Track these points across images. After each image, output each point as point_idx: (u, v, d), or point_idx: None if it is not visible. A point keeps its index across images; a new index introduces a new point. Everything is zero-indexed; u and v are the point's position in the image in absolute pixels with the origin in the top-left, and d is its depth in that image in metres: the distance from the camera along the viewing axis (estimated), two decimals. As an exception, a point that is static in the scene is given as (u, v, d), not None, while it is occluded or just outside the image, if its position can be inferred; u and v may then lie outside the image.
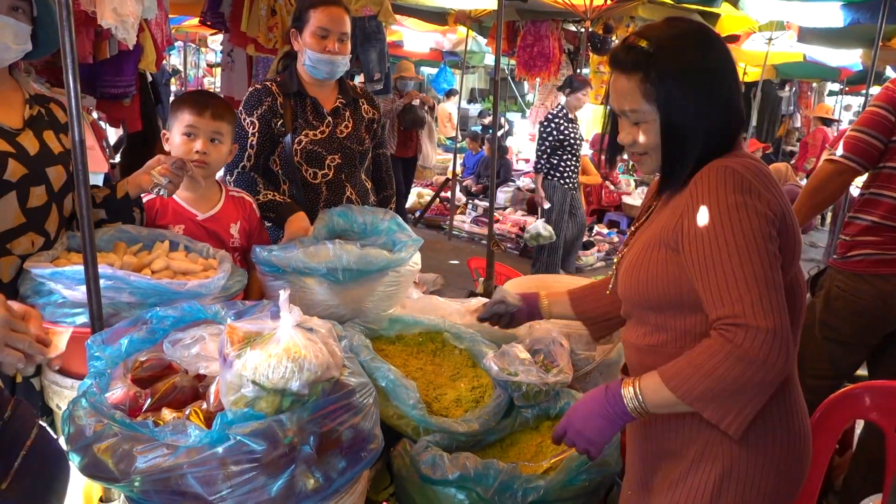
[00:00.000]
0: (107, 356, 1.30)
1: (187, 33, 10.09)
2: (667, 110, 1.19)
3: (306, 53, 2.20)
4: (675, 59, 1.18)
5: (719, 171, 1.14)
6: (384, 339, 1.92)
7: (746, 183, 1.12)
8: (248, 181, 2.19)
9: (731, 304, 1.08)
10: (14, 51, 1.55)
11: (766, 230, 1.10)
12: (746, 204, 1.11)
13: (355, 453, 1.19)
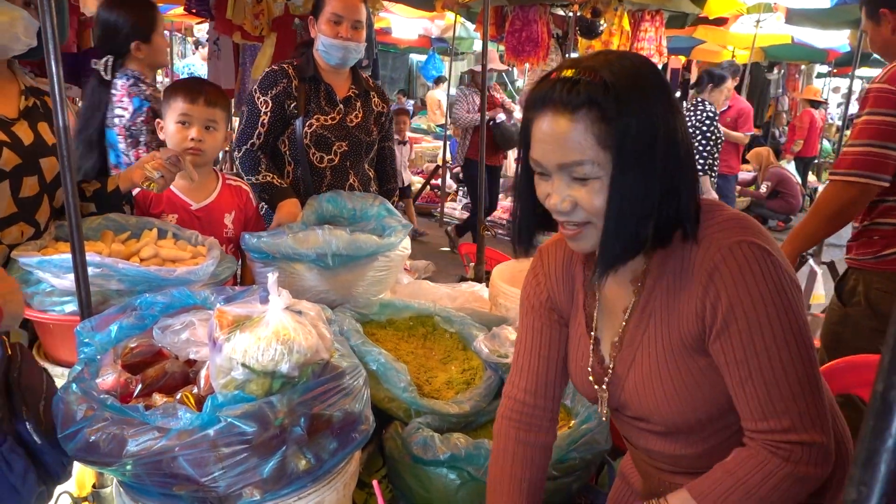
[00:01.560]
0: (96, 343, 1.30)
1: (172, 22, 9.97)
2: (622, 155, 0.90)
3: (320, 39, 2.25)
4: (633, 81, 0.91)
5: (749, 249, 0.92)
6: (375, 323, 1.93)
7: (776, 256, 0.92)
8: (252, 159, 2.22)
9: (779, 417, 0.91)
10: (22, 43, 1.57)
11: (804, 313, 0.92)
12: (789, 285, 0.91)
13: (346, 434, 1.20)
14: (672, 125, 0.92)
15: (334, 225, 2.07)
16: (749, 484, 0.92)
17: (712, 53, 10.07)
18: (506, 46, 7.20)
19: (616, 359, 1.09)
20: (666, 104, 0.92)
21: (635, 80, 0.91)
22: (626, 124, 0.89)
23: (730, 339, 0.92)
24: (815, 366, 0.92)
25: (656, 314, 1.02)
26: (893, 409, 0.36)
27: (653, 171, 0.91)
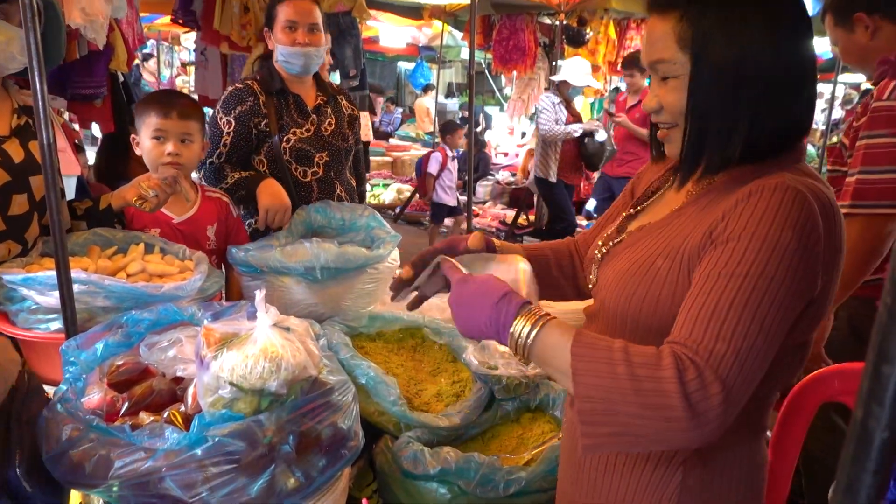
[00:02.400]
0: (82, 361, 1.29)
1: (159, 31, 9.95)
2: (702, 58, 0.90)
3: (278, 49, 2.20)
4: (729, 2, 0.90)
5: (787, 194, 0.86)
6: (364, 336, 1.92)
7: (812, 223, 0.85)
8: (215, 171, 2.19)
9: (706, 339, 0.83)
10: (18, 62, 1.56)
11: (802, 290, 0.86)
12: (800, 252, 0.84)
13: (336, 451, 1.19)
14: (761, 50, 0.89)
15: (322, 236, 2.07)
16: (631, 373, 0.82)
17: (698, 60, 10.15)
18: (493, 55, 7.25)
19: (620, 230, 1.09)
20: (761, 27, 0.89)
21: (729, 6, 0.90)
22: (707, 30, 0.90)
23: (713, 254, 0.88)
24: (776, 331, 0.84)
25: (676, 212, 1.00)
26: (874, 435, 0.36)
27: (734, 86, 0.90)
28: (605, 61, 6.98)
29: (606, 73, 7.27)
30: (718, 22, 0.90)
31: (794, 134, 0.95)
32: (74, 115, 3.62)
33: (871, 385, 0.37)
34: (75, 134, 3.55)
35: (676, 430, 0.80)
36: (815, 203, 0.86)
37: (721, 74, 0.90)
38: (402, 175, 8.93)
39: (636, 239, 1.04)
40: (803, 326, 0.92)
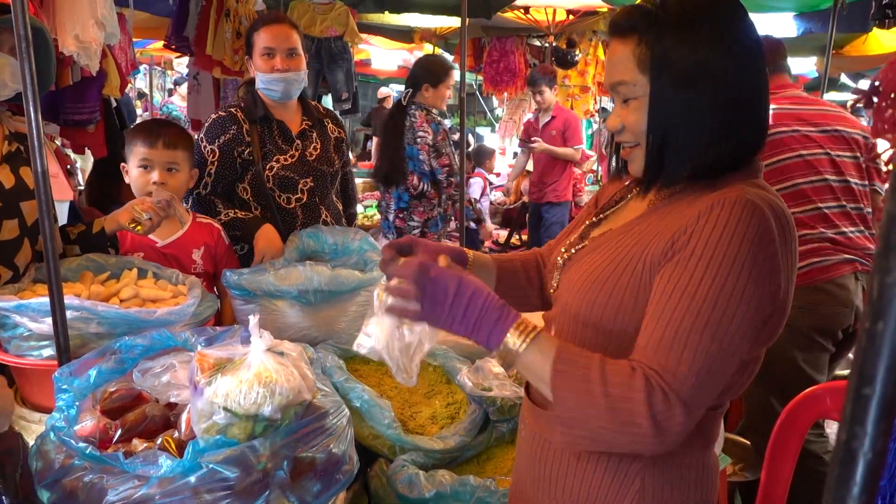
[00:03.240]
0: (75, 389, 1.28)
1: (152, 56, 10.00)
2: (659, 79, 0.94)
3: (258, 76, 2.20)
4: (682, 13, 0.94)
5: (745, 208, 0.88)
6: (358, 359, 1.92)
7: (769, 235, 0.88)
8: (206, 204, 2.18)
9: (670, 362, 0.87)
10: (9, 89, 1.58)
11: (763, 302, 0.88)
12: (758, 265, 0.87)
13: (330, 476, 1.19)
14: (716, 71, 0.92)
15: (316, 260, 2.07)
16: (606, 391, 0.87)
17: (686, 80, 10.28)
18: (484, 77, 7.33)
19: (582, 237, 1.11)
20: (715, 50, 0.92)
21: (688, 16, 0.94)
22: (664, 53, 0.93)
23: (675, 268, 0.90)
24: (732, 349, 0.87)
25: (637, 221, 1.02)
26: (858, 457, 0.37)
27: (691, 105, 0.93)
28: (595, 82, 7.06)
29: (596, 94, 7.34)
30: (675, 45, 0.93)
31: (752, 150, 0.98)
32: (67, 140, 3.62)
33: (854, 407, 0.38)
34: (67, 159, 3.56)
35: (642, 443, 0.88)
36: (770, 216, 0.89)
37: (678, 94, 0.94)
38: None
39: (598, 245, 1.06)
40: (762, 339, 0.94)
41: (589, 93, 7.12)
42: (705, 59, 0.92)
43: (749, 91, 0.95)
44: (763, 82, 0.97)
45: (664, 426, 0.85)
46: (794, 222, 0.94)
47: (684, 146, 0.95)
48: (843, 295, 2.21)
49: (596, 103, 7.69)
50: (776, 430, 1.53)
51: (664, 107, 0.95)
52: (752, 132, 0.97)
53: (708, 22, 0.93)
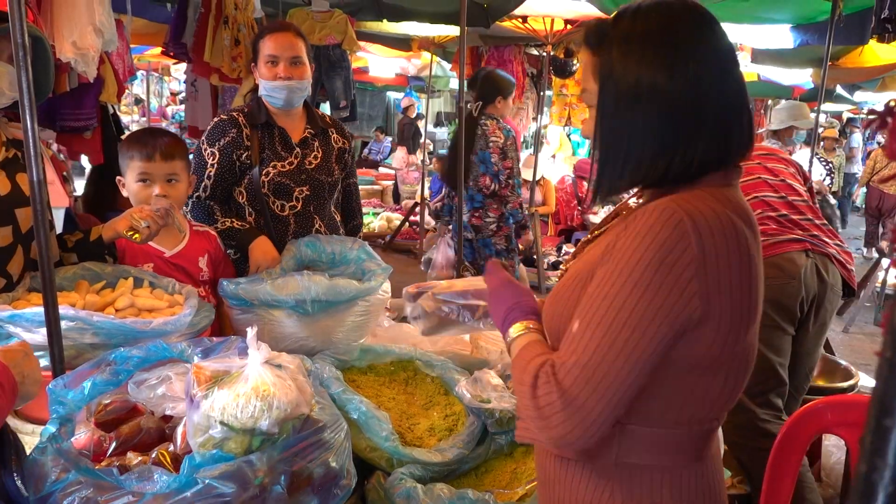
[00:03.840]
0: (69, 401, 1.27)
1: (150, 62, 10.01)
2: (605, 88, 0.97)
3: (261, 84, 2.20)
4: (633, 22, 0.96)
5: (661, 216, 0.90)
6: (356, 369, 1.91)
7: (681, 245, 0.88)
8: (204, 209, 2.17)
9: (563, 353, 0.93)
10: (7, 97, 1.57)
11: (666, 310, 0.89)
12: (660, 273, 0.88)
13: (327, 490, 1.18)
14: (656, 82, 0.93)
15: (313, 270, 2.06)
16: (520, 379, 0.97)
17: (682, 90, 10.33)
18: (482, 85, 7.32)
19: (575, 257, 1.15)
20: (656, 63, 0.93)
21: (638, 34, 0.96)
22: (610, 63, 0.96)
23: (599, 274, 0.94)
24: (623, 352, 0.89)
25: (605, 238, 1.01)
26: (877, 490, 0.36)
27: (632, 113, 0.95)
28: (592, 92, 7.08)
29: (593, 103, 7.37)
30: (620, 56, 0.96)
31: (709, 160, 0.96)
32: (64, 146, 3.61)
33: (874, 439, 0.37)
34: (63, 166, 3.55)
35: (535, 429, 0.94)
36: (690, 225, 0.89)
37: (619, 108, 0.97)
38: (390, 203, 8.95)
39: (573, 264, 1.10)
40: (699, 348, 0.92)
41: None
42: (645, 72, 0.93)
43: (704, 109, 0.94)
44: (728, 99, 0.96)
45: (544, 412, 0.91)
46: (746, 233, 0.93)
47: (623, 157, 0.97)
48: (791, 268, 2.33)
49: (593, 112, 7.69)
50: (776, 444, 1.52)
51: (607, 118, 0.98)
52: (710, 146, 0.95)
53: (657, 42, 0.95)
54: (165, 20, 4.62)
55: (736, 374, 0.98)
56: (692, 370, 0.95)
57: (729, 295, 0.91)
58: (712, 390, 0.97)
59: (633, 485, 1.00)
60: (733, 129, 0.97)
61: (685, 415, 0.97)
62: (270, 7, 4.65)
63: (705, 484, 1.03)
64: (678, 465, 1.00)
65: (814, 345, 2.50)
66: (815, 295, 2.39)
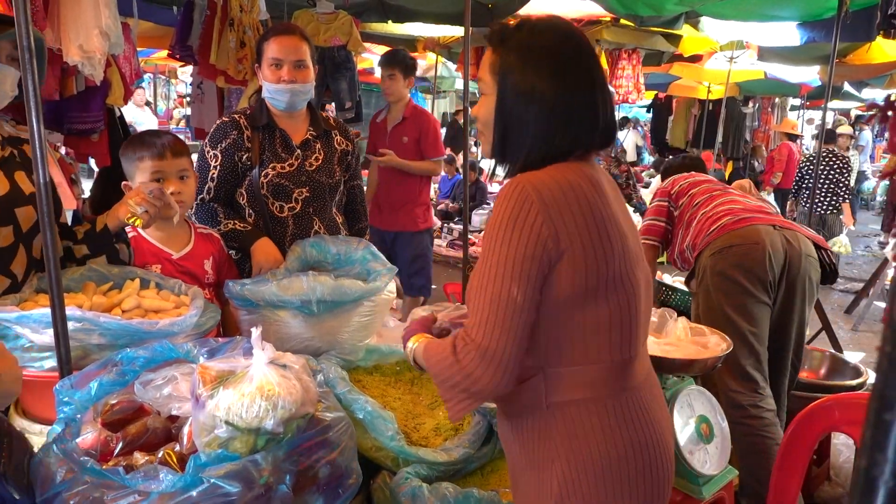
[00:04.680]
0: (76, 401, 1.27)
1: (157, 65, 10.06)
2: (504, 86, 1.20)
3: (264, 86, 2.20)
4: (531, 35, 1.19)
5: (509, 187, 1.14)
6: (361, 369, 1.91)
7: (525, 204, 1.11)
8: (208, 211, 2.18)
9: (470, 318, 1.14)
10: (8, 97, 1.59)
11: (528, 254, 1.09)
12: (515, 225, 1.10)
13: (333, 490, 1.18)
14: (549, 90, 1.16)
15: (318, 270, 2.06)
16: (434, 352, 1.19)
17: (689, 89, 10.30)
18: (487, 85, 7.30)
19: None
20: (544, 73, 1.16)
21: (533, 46, 1.18)
22: (509, 67, 1.19)
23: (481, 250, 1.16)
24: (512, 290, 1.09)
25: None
26: (878, 485, 0.36)
27: (526, 108, 1.17)
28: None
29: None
30: (518, 61, 1.18)
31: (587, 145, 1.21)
32: (71, 149, 3.63)
33: (874, 433, 0.37)
34: (71, 168, 3.56)
35: (466, 383, 1.12)
36: (531, 189, 1.11)
37: (515, 104, 1.19)
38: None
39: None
40: (567, 281, 1.11)
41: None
42: (536, 83, 1.17)
43: (575, 107, 1.18)
44: (590, 104, 1.19)
45: (468, 368, 1.11)
46: (583, 188, 1.15)
47: (518, 142, 1.20)
48: (754, 234, 2.41)
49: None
50: (784, 442, 1.51)
51: (504, 110, 1.20)
52: (582, 133, 1.19)
53: (545, 55, 1.18)
54: (171, 23, 4.63)
55: (620, 305, 1.16)
56: (574, 303, 1.13)
57: (577, 234, 1.12)
58: (602, 321, 1.15)
59: (565, 420, 1.16)
60: (592, 125, 1.20)
61: (592, 349, 1.15)
62: (275, 9, 4.67)
63: (633, 412, 1.19)
64: (602, 396, 1.17)
65: (800, 313, 2.50)
66: (787, 259, 2.43)
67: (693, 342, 1.90)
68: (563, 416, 1.17)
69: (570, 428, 1.16)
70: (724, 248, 2.45)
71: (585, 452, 1.15)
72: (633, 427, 1.18)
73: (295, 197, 2.22)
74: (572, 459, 1.15)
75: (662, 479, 1.21)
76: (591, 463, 1.15)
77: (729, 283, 2.41)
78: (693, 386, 1.93)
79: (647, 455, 1.19)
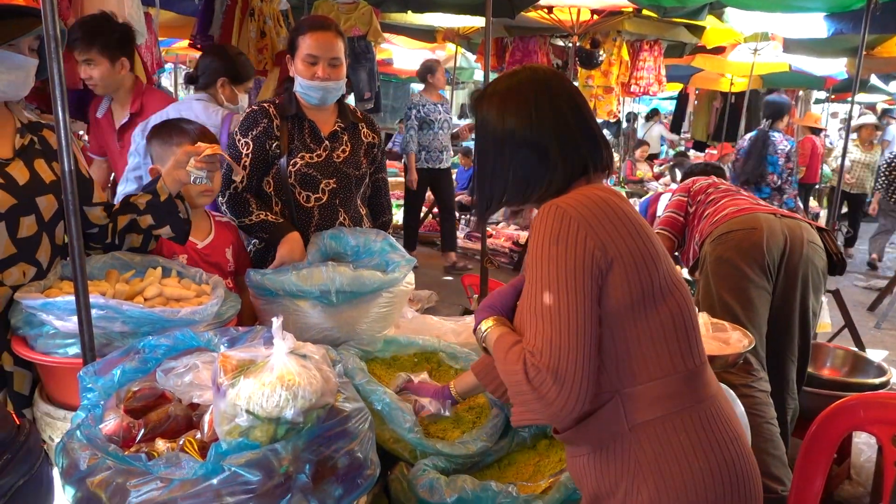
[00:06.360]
0: (99, 387, 1.29)
1: (177, 55, 10.12)
2: (481, 132, 1.31)
3: (297, 80, 2.19)
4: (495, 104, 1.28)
5: (544, 210, 1.17)
6: (379, 360, 1.91)
7: (567, 225, 1.13)
8: (240, 202, 2.18)
9: (533, 338, 1.12)
10: (29, 86, 1.60)
11: (578, 265, 1.11)
12: (559, 242, 1.13)
13: (351, 480, 1.18)
14: (520, 133, 1.24)
15: (338, 261, 2.07)
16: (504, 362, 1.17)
17: (711, 81, 10.17)
18: (506, 77, 7.28)
19: None
20: (516, 119, 1.25)
21: (502, 97, 1.28)
22: (485, 114, 1.29)
23: (528, 275, 1.18)
24: (574, 307, 1.10)
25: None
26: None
27: (501, 150, 1.26)
28: (619, 83, 7.00)
29: (620, 95, 7.27)
30: (495, 110, 1.28)
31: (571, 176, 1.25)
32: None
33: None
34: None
35: (539, 407, 1.11)
36: (565, 207, 1.15)
37: (494, 143, 1.28)
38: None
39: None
40: (622, 289, 1.12)
41: (612, 93, 7.05)
42: (511, 124, 1.25)
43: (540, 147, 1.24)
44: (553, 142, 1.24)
45: (541, 392, 1.10)
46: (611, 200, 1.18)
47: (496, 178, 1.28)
48: (753, 221, 2.45)
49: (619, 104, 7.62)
50: (806, 440, 1.49)
51: (480, 156, 1.31)
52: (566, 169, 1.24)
53: (513, 99, 1.26)
54: (193, 13, 4.66)
55: (673, 311, 1.16)
56: (631, 312, 1.13)
57: (622, 242, 1.13)
58: (662, 329, 1.14)
59: (650, 439, 1.13)
60: (583, 153, 1.25)
61: (662, 361, 1.14)
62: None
63: (716, 425, 1.16)
64: (680, 408, 1.14)
65: (802, 299, 2.49)
66: (787, 244, 2.43)
67: (714, 338, 1.88)
68: (647, 436, 1.14)
69: (657, 447, 1.13)
70: (724, 234, 2.49)
71: (676, 471, 1.12)
72: (719, 442, 1.15)
73: (322, 188, 2.22)
74: (660, 480, 1.13)
75: (753, 497, 1.18)
76: (681, 482, 1.12)
77: (726, 267, 2.43)
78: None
79: (736, 471, 1.16)
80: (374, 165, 2.42)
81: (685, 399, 1.15)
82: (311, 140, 2.23)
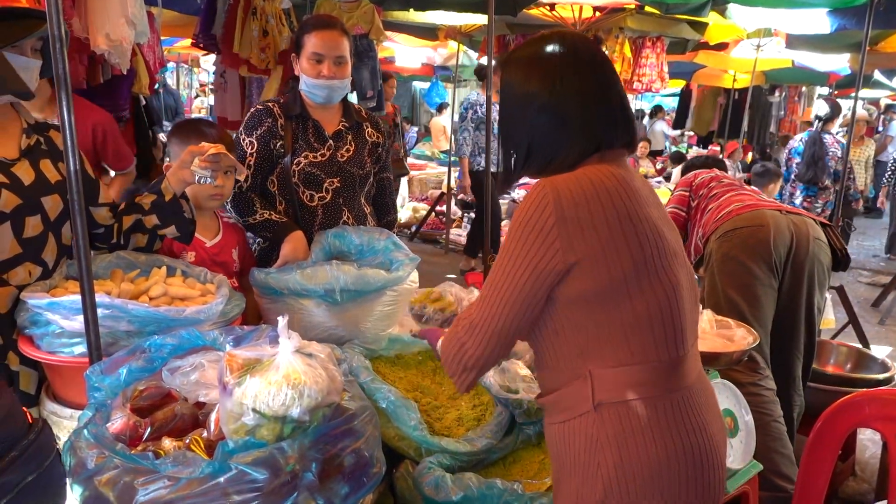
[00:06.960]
0: (106, 386, 1.30)
1: (179, 54, 10.13)
2: (504, 97, 1.29)
3: (302, 79, 2.20)
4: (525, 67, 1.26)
5: (534, 189, 1.16)
6: (384, 359, 1.92)
7: (541, 207, 1.13)
8: (245, 201, 2.19)
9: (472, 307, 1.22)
10: (33, 87, 1.61)
11: (535, 262, 1.13)
12: (531, 228, 1.13)
13: (357, 478, 1.19)
14: (541, 99, 1.21)
15: (342, 260, 2.07)
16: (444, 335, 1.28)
17: (714, 77, 10.15)
18: (509, 74, 7.25)
19: None
20: (545, 84, 1.21)
21: (528, 61, 1.25)
22: (508, 80, 1.27)
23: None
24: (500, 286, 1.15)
25: None
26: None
27: (523, 115, 1.24)
28: (622, 80, 6.98)
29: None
30: (517, 75, 1.26)
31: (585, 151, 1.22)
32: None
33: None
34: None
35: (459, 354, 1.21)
36: (550, 190, 1.13)
37: (516, 108, 1.25)
38: (417, 194, 8.96)
39: None
40: (588, 281, 1.12)
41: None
42: (533, 88, 1.22)
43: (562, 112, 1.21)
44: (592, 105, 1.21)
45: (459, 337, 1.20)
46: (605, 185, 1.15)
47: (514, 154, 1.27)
48: (759, 217, 2.44)
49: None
50: (811, 437, 1.49)
51: (508, 115, 1.28)
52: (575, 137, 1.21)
53: (539, 65, 1.24)
54: (195, 12, 4.65)
55: (660, 301, 1.15)
56: (605, 299, 1.13)
57: (594, 233, 1.12)
58: (641, 317, 1.14)
59: (613, 421, 1.15)
60: (598, 130, 1.21)
61: (637, 347, 1.15)
62: (298, -3, 4.67)
63: (684, 414, 1.17)
64: (652, 396, 1.15)
65: (808, 296, 2.48)
66: (793, 241, 2.43)
67: (718, 335, 1.88)
68: (610, 417, 1.15)
69: (618, 429, 1.15)
70: (730, 231, 2.48)
71: (634, 455, 1.14)
72: (683, 429, 1.16)
73: (325, 187, 2.23)
74: (619, 462, 1.14)
75: (713, 485, 1.19)
76: (638, 466, 1.14)
77: (733, 265, 2.42)
78: (717, 379, 1.91)
79: (697, 459, 1.16)
80: (379, 165, 2.41)
81: (657, 387, 1.16)
82: (314, 139, 2.24)
